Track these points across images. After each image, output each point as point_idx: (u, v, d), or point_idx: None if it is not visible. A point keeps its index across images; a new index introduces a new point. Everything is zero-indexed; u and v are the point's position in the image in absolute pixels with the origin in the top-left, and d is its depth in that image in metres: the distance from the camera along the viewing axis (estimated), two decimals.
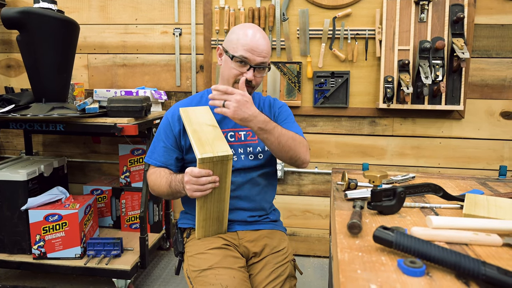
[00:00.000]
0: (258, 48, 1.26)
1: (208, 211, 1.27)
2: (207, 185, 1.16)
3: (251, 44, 1.25)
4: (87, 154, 2.68)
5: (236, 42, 1.27)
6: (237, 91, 1.16)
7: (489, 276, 0.61)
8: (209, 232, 1.34)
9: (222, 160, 1.16)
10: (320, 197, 2.48)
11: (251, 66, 1.26)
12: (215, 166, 1.16)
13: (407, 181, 1.35)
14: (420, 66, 2.09)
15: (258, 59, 1.26)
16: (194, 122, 1.26)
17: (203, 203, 1.23)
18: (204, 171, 1.15)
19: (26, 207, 1.96)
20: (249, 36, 1.26)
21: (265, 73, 1.33)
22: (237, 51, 1.26)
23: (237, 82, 1.29)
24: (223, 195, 1.25)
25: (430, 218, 0.84)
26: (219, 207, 1.28)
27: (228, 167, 1.19)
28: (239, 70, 1.27)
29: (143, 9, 2.47)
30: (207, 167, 1.15)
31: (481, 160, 2.33)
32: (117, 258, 2.01)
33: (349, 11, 2.25)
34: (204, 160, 1.13)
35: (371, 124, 2.36)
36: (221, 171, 1.19)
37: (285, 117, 1.44)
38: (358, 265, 0.68)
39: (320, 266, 2.43)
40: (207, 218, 1.29)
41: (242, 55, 1.25)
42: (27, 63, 1.94)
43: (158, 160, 1.38)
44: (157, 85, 2.52)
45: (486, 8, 2.19)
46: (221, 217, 1.32)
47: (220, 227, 1.34)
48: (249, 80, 1.27)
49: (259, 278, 1.29)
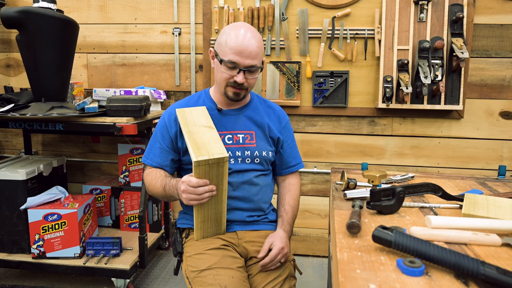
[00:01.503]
0: (247, 50, 1.23)
1: (205, 213, 1.27)
2: (204, 195, 1.17)
3: (240, 47, 1.23)
4: (86, 154, 2.68)
5: (224, 45, 1.25)
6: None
7: (488, 275, 0.61)
8: (207, 233, 1.33)
9: (218, 162, 1.16)
10: (319, 197, 2.48)
11: (240, 69, 1.25)
12: (211, 169, 1.16)
13: (406, 181, 1.35)
14: (420, 66, 2.09)
15: (247, 61, 1.24)
16: (190, 124, 1.26)
17: (200, 206, 1.24)
18: (202, 181, 1.15)
19: (25, 206, 1.96)
20: (238, 38, 1.24)
21: (257, 74, 1.32)
22: (226, 55, 1.25)
23: (229, 85, 1.30)
24: (221, 197, 1.25)
25: (429, 218, 0.84)
26: (217, 209, 1.28)
27: (225, 169, 1.19)
28: (229, 74, 1.27)
29: (142, 8, 2.46)
30: (203, 170, 1.15)
31: (480, 160, 2.33)
32: (116, 258, 2.01)
33: (348, 10, 2.25)
34: (199, 163, 1.13)
35: (370, 124, 2.36)
36: (218, 173, 1.18)
37: (290, 139, 1.50)
38: (357, 265, 0.68)
39: (319, 265, 2.43)
40: (205, 220, 1.29)
41: (230, 60, 1.24)
42: (26, 62, 1.94)
43: (154, 160, 1.38)
44: (156, 84, 2.51)
45: (485, 8, 2.19)
46: (219, 218, 1.31)
47: (219, 228, 1.34)
48: (240, 83, 1.27)
49: (258, 278, 1.29)
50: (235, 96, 1.32)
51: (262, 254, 1.29)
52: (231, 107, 1.41)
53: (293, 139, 1.52)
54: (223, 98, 1.37)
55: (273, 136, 1.43)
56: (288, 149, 1.48)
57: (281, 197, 1.47)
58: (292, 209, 1.43)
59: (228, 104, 1.40)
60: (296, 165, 1.50)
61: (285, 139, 1.47)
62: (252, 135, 1.39)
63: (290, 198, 1.45)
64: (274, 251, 1.28)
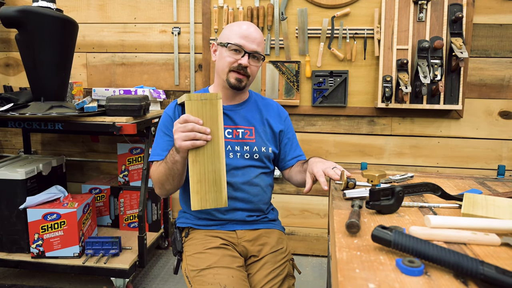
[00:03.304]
0: (252, 36, 1.30)
1: (202, 168, 1.13)
2: (198, 134, 1.09)
3: (245, 32, 1.30)
4: (85, 153, 2.67)
5: (229, 33, 1.32)
6: None
7: (487, 275, 0.61)
8: (206, 200, 1.15)
9: (211, 99, 1.11)
10: (318, 196, 2.48)
11: (246, 52, 1.29)
12: (204, 107, 1.10)
13: (406, 181, 1.35)
14: (419, 65, 2.09)
15: (252, 46, 1.30)
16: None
17: (196, 159, 1.12)
18: (193, 118, 1.09)
19: (25, 206, 1.95)
20: (242, 27, 1.31)
21: (259, 64, 1.35)
22: (231, 39, 1.30)
23: (232, 70, 1.31)
24: (217, 146, 1.14)
25: (429, 217, 0.84)
26: (214, 165, 1.15)
27: (218, 108, 1.12)
28: (234, 58, 1.30)
29: (142, 8, 2.46)
30: (195, 107, 1.09)
31: (479, 159, 2.33)
32: (116, 257, 2.01)
33: (348, 10, 2.25)
34: (191, 97, 1.08)
35: (370, 124, 2.36)
36: (211, 113, 1.11)
37: (291, 134, 1.50)
38: (356, 265, 0.68)
39: (318, 265, 2.43)
40: (201, 180, 1.14)
41: (236, 42, 1.29)
42: (25, 62, 1.94)
43: (161, 154, 1.31)
44: (155, 84, 2.51)
45: (484, 8, 2.20)
46: (217, 180, 1.15)
47: (219, 195, 1.16)
48: (244, 67, 1.30)
49: (258, 277, 1.29)
50: (237, 82, 1.32)
51: (307, 188, 1.24)
52: (231, 103, 1.41)
53: (294, 134, 1.53)
54: (223, 92, 1.38)
55: (274, 129, 1.44)
56: (291, 141, 1.49)
57: (297, 169, 1.43)
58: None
59: (228, 99, 1.40)
60: (301, 155, 1.51)
61: (287, 131, 1.48)
62: (252, 131, 1.39)
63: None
64: (321, 179, 1.21)
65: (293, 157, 1.49)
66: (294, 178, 1.46)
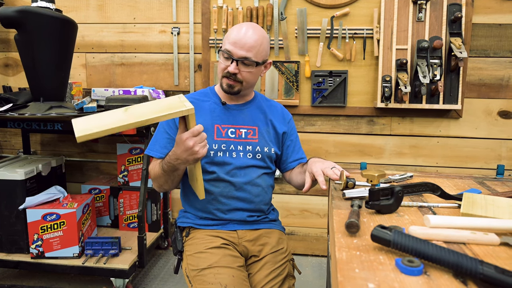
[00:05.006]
0: (241, 41, 1.27)
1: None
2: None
3: (236, 38, 1.28)
4: (85, 153, 2.67)
5: (226, 37, 1.32)
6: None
7: (486, 275, 0.61)
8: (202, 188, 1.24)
9: (188, 109, 1.07)
10: (318, 196, 2.48)
11: (233, 59, 1.28)
12: (192, 115, 1.09)
13: (405, 180, 1.35)
14: (418, 65, 2.09)
15: (240, 52, 1.27)
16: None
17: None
18: (201, 127, 1.10)
19: (24, 206, 1.95)
20: (238, 32, 1.29)
21: (252, 69, 1.31)
22: (224, 45, 1.31)
23: (224, 76, 1.32)
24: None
25: (428, 217, 0.84)
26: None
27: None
28: (225, 64, 1.31)
29: (141, 8, 2.46)
30: (193, 117, 1.08)
31: (478, 159, 2.33)
32: (115, 257, 2.01)
33: (347, 10, 2.25)
34: (189, 111, 1.05)
35: (369, 123, 2.36)
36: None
37: (294, 136, 1.50)
38: (356, 264, 0.68)
39: (318, 265, 2.43)
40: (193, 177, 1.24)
41: (226, 48, 1.29)
42: (25, 62, 1.93)
43: (161, 152, 1.32)
44: (155, 84, 2.51)
45: (484, 8, 2.20)
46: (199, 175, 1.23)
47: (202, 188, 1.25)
48: (233, 73, 1.29)
49: (258, 277, 1.29)
50: (228, 88, 1.33)
51: (306, 187, 1.25)
52: (235, 102, 1.42)
53: (297, 137, 1.53)
54: (224, 93, 1.39)
55: (278, 130, 1.44)
56: (293, 143, 1.49)
57: (298, 170, 1.44)
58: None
59: (232, 99, 1.41)
60: (303, 158, 1.50)
61: (290, 133, 1.49)
62: (255, 131, 1.40)
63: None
64: (320, 178, 1.21)
65: (295, 159, 1.49)
66: (294, 180, 1.46)
